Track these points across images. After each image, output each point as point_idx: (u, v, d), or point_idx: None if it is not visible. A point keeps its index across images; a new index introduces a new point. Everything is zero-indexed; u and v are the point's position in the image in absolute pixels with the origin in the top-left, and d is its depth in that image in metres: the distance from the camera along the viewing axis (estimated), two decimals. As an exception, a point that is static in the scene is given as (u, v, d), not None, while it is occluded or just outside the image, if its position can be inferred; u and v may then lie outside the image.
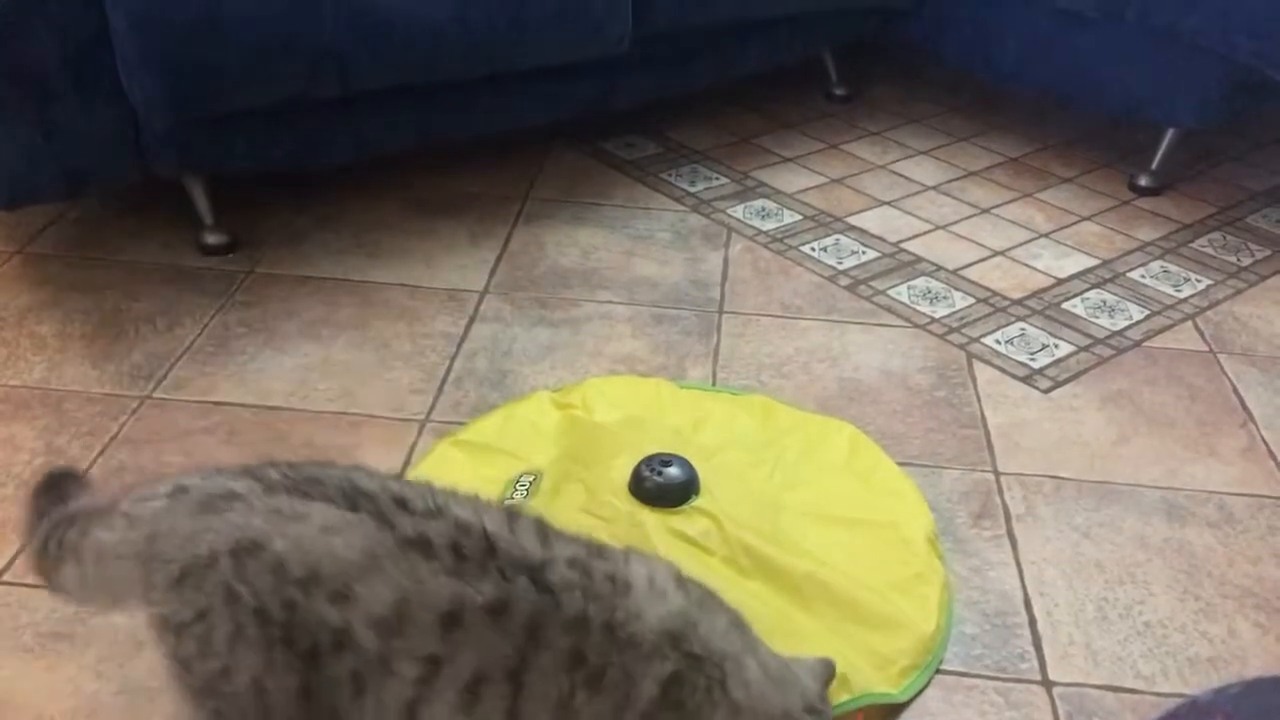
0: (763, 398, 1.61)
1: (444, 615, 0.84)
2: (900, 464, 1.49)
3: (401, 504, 0.89)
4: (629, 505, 1.31)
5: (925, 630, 1.22)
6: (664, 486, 1.31)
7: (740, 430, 1.51)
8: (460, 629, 0.84)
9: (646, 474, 1.32)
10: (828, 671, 1.01)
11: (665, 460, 1.33)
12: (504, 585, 0.86)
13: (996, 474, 1.51)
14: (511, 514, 0.93)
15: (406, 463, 1.47)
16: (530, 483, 1.39)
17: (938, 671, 1.21)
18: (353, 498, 0.88)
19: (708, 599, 0.95)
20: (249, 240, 1.98)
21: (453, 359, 1.69)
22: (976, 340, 1.80)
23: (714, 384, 1.66)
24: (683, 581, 0.95)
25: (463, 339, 1.74)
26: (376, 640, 0.84)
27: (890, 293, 1.93)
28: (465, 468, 1.43)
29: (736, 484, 1.37)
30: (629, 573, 0.91)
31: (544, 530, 0.93)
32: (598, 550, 0.93)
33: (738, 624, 0.94)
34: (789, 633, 1.19)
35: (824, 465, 1.46)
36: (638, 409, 1.53)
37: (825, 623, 1.22)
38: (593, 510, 1.30)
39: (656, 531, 1.27)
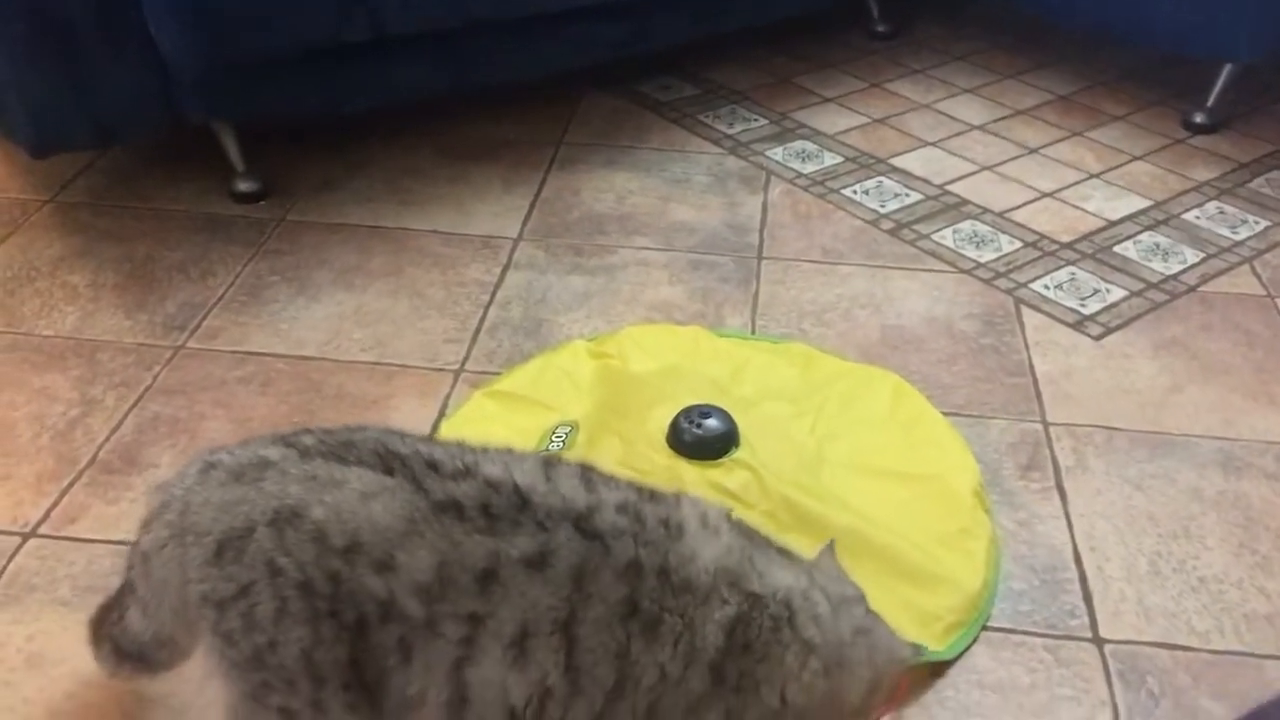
0: (803, 346, 1.57)
1: (480, 573, 0.82)
2: (945, 414, 1.45)
3: (432, 466, 0.86)
4: (667, 458, 1.28)
5: (972, 586, 1.19)
6: (703, 439, 1.28)
7: (780, 380, 1.48)
8: (497, 584, 0.82)
9: (685, 426, 1.29)
10: (831, 552, 0.98)
11: (704, 412, 1.30)
12: (542, 536, 0.83)
13: (1045, 424, 1.46)
14: (550, 463, 0.90)
15: (441, 413, 1.45)
16: (566, 435, 1.36)
17: (984, 628, 1.18)
18: (387, 461, 0.86)
19: (760, 536, 0.92)
20: (280, 188, 1.95)
21: (487, 307, 1.66)
22: (1024, 285, 1.75)
23: (753, 332, 1.63)
24: (735, 521, 0.92)
25: (497, 287, 1.71)
26: (420, 606, 0.82)
27: (935, 237, 1.88)
28: (499, 419, 1.41)
29: (777, 436, 1.34)
30: (681, 515, 0.88)
31: (589, 476, 0.90)
32: (649, 494, 0.91)
33: (793, 559, 0.92)
34: (831, 588, 1.16)
35: (866, 416, 1.42)
36: (675, 358, 1.50)
37: (868, 578, 1.16)
38: (630, 463, 1.27)
39: (695, 485, 1.24)
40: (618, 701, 0.82)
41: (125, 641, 0.96)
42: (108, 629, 0.98)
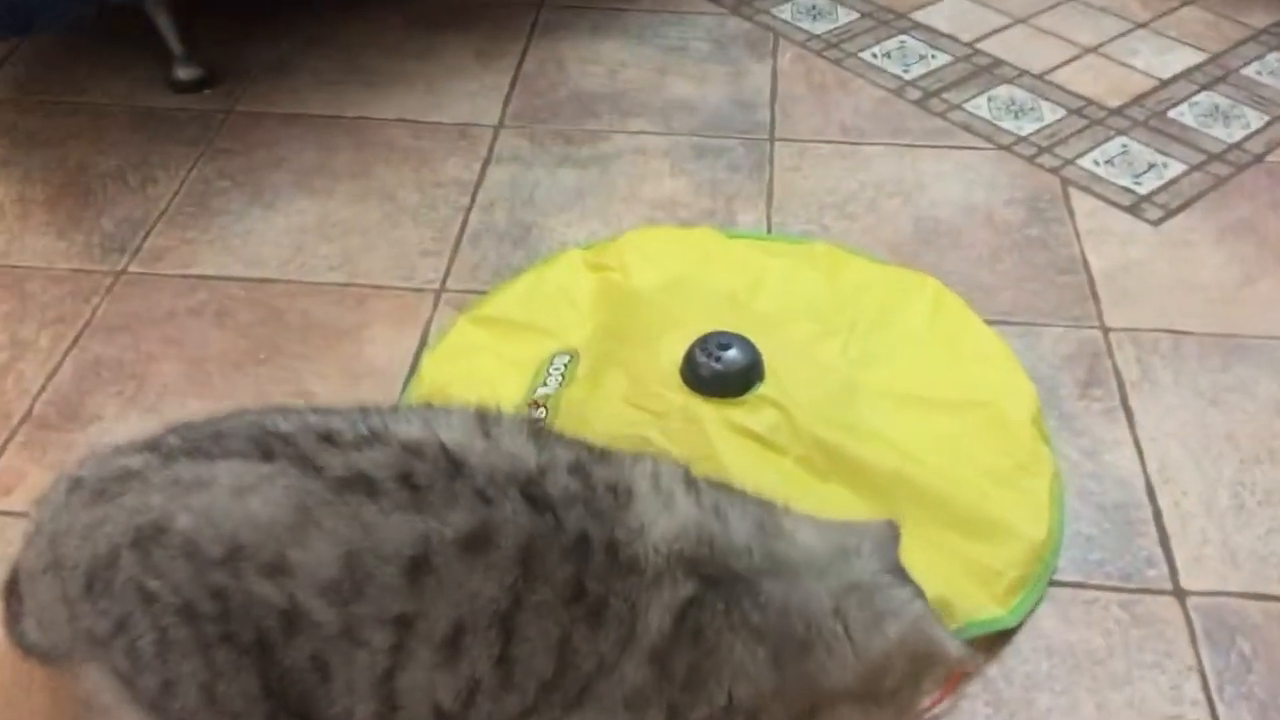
0: (827, 246, 1.39)
1: (408, 563, 0.68)
2: (991, 322, 1.29)
3: (327, 439, 0.72)
4: (682, 396, 1.12)
5: (1035, 534, 1.05)
6: (723, 374, 1.11)
7: (805, 291, 1.30)
8: (430, 575, 0.68)
9: (702, 360, 1.12)
10: (894, 533, 0.82)
11: (723, 342, 1.13)
12: (483, 509, 0.69)
13: (1104, 330, 1.30)
14: (486, 416, 0.76)
15: (422, 343, 1.28)
16: (565, 366, 1.20)
17: (1050, 583, 1.04)
18: (265, 445, 0.72)
19: (724, 502, 0.77)
20: (227, 73, 1.72)
21: (467, 211, 1.47)
22: (1071, 162, 1.55)
23: (769, 231, 1.44)
24: (694, 483, 0.78)
25: (477, 186, 1.51)
26: (331, 611, 0.69)
27: (967, 106, 1.67)
28: (489, 349, 1.24)
29: (806, 363, 1.17)
30: (630, 479, 0.75)
31: (537, 429, 0.77)
32: (600, 454, 0.77)
33: (761, 527, 0.76)
34: (876, 545, 1.02)
35: (905, 332, 1.25)
36: (683, 268, 1.32)
37: (918, 531, 1.01)
38: (640, 402, 1.11)
39: (715, 427, 1.09)
40: (553, 693, 0.71)
41: (26, 644, 0.85)
42: (8, 624, 0.86)
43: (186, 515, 0.70)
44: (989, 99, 1.68)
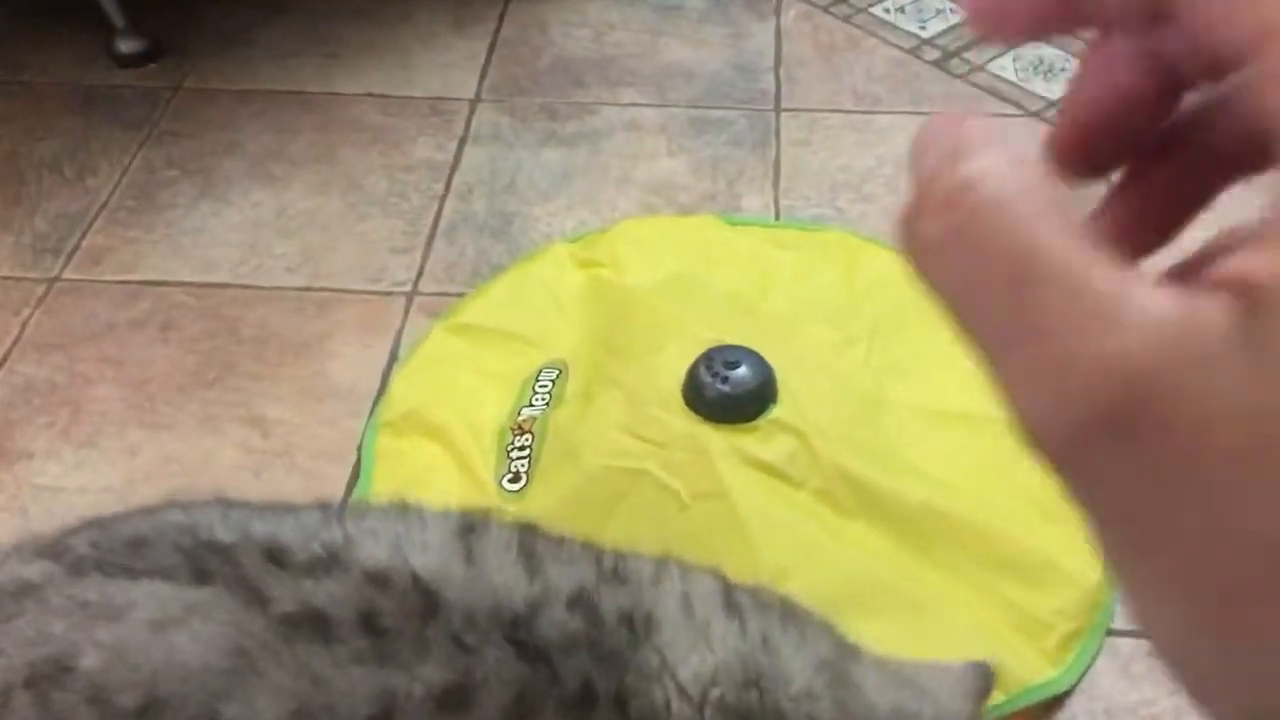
0: (842, 234, 1.25)
1: None
2: (1028, 319, 1.15)
3: (274, 559, 0.58)
4: (685, 422, 0.98)
5: (1089, 577, 0.92)
6: (731, 396, 0.98)
7: (820, 288, 1.16)
8: None
9: (707, 380, 0.98)
10: (981, 683, 0.71)
11: (730, 359, 1.00)
12: (461, 660, 0.56)
13: (1153, 325, 1.16)
14: (470, 527, 0.62)
15: (392, 356, 1.14)
16: (552, 382, 1.06)
17: (1108, 633, 0.91)
18: (198, 559, 0.58)
19: (776, 631, 0.64)
20: (174, 45, 1.56)
21: (442, 200, 1.32)
22: (1108, 130, 1.40)
23: (777, 217, 1.30)
24: (736, 605, 0.64)
25: (453, 170, 1.37)
26: None
27: (991, 67, 1.52)
28: (467, 362, 1.11)
29: (824, 379, 1.04)
30: (653, 601, 0.61)
31: (530, 546, 0.62)
32: (612, 570, 0.63)
33: (827, 668, 0.63)
34: (906, 594, 0.90)
35: (933, 335, 1.11)
36: (682, 264, 1.18)
37: (955, 575, 0.92)
38: (638, 430, 0.98)
39: (724, 458, 0.96)
40: None
41: None
42: None
43: (95, 652, 0.56)
44: (1014, 58, 1.53)
